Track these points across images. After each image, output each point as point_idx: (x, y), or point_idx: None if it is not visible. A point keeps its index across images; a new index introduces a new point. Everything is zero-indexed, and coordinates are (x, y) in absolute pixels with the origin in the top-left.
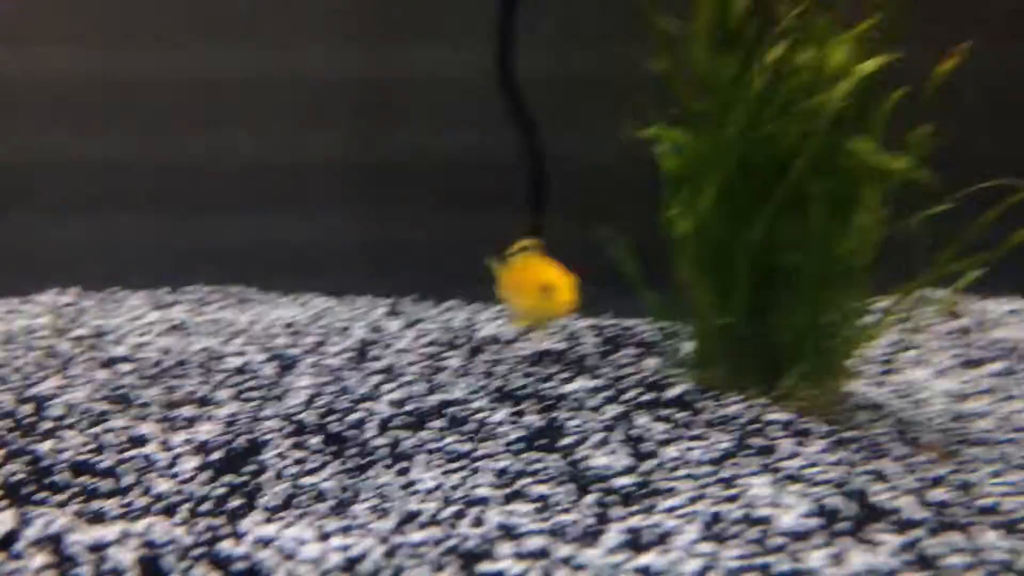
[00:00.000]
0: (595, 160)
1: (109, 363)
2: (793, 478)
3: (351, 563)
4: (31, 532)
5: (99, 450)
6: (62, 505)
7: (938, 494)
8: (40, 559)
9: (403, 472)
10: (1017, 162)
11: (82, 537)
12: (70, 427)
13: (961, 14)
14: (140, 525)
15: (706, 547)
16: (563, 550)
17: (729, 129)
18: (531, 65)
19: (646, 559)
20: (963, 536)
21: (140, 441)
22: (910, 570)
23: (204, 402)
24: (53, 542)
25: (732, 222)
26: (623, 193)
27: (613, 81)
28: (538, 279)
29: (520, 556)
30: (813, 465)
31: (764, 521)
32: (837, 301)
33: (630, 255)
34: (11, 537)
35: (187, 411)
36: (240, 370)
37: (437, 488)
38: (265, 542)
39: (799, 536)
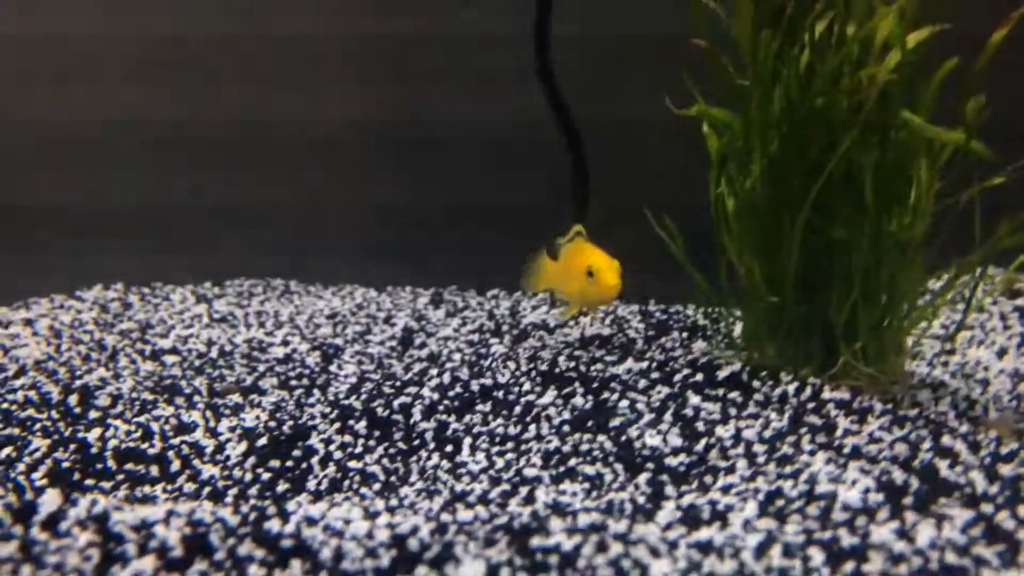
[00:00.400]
0: (639, 141)
1: (154, 355)
2: (854, 455)
3: (398, 540)
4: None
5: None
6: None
7: (1007, 470)
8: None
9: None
10: None
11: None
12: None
13: None
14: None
15: (765, 523)
16: (618, 526)
17: (774, 105)
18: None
19: (705, 534)
20: None
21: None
22: (982, 544)
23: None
24: (98, 521)
25: (780, 199)
26: (668, 175)
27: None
28: (584, 264)
29: (571, 532)
30: (875, 442)
31: (826, 497)
32: (891, 278)
33: (677, 237)
34: (57, 516)
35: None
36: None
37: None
38: (313, 521)
39: (863, 511)
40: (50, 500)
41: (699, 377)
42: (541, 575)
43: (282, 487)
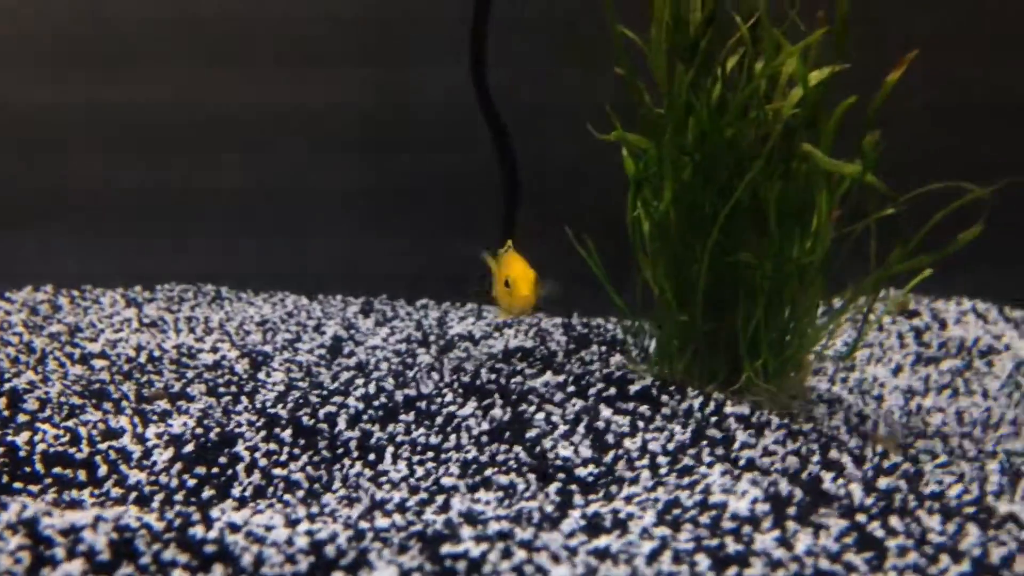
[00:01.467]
0: (565, 163)
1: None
2: (748, 467)
3: (316, 546)
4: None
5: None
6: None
7: (886, 482)
8: (15, 542)
9: (373, 465)
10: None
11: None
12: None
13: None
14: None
15: (661, 531)
16: (524, 534)
17: (687, 134)
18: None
19: (604, 541)
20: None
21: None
22: (853, 551)
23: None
24: (28, 526)
25: (691, 223)
26: (591, 195)
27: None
28: (504, 274)
29: (480, 539)
30: (768, 455)
31: (718, 507)
32: (793, 300)
33: (596, 255)
34: None
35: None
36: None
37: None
38: (235, 528)
39: (750, 520)
40: None
41: (612, 391)
42: None
43: (208, 493)
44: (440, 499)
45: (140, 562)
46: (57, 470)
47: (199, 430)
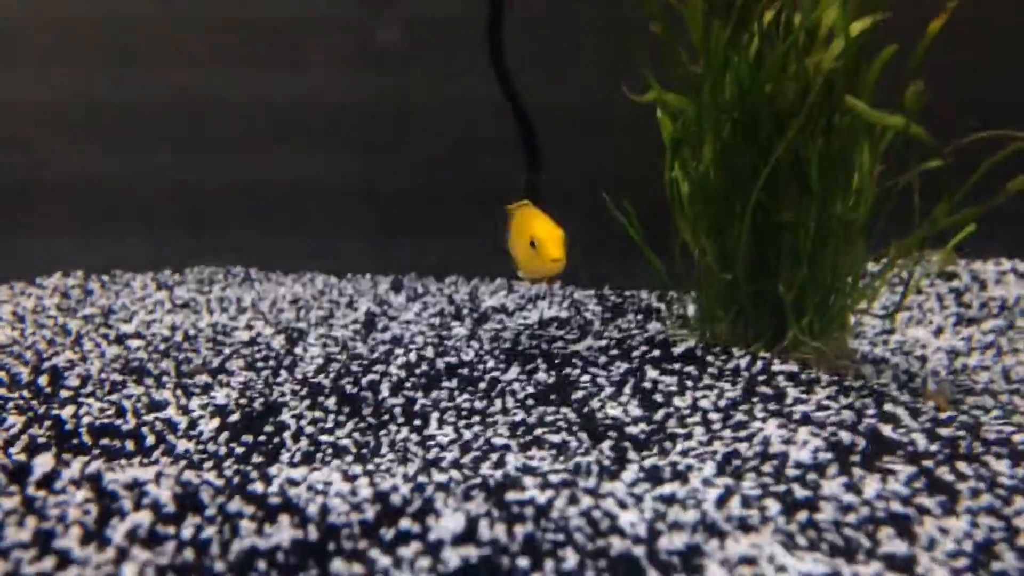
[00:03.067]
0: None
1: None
2: (804, 421)
3: (380, 496)
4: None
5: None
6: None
7: (946, 432)
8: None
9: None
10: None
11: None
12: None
13: None
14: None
15: (723, 480)
16: (587, 483)
17: (726, 92)
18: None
19: (668, 489)
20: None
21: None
22: (924, 495)
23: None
24: (92, 480)
25: (731, 182)
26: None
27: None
28: (528, 234)
29: (545, 487)
30: (822, 409)
31: (779, 456)
32: (836, 257)
33: (634, 219)
34: (52, 476)
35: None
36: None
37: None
38: (295, 483)
39: (814, 468)
40: (44, 461)
41: (656, 353)
42: (518, 525)
43: (256, 460)
44: (494, 457)
45: (206, 514)
46: (105, 441)
47: (243, 400)
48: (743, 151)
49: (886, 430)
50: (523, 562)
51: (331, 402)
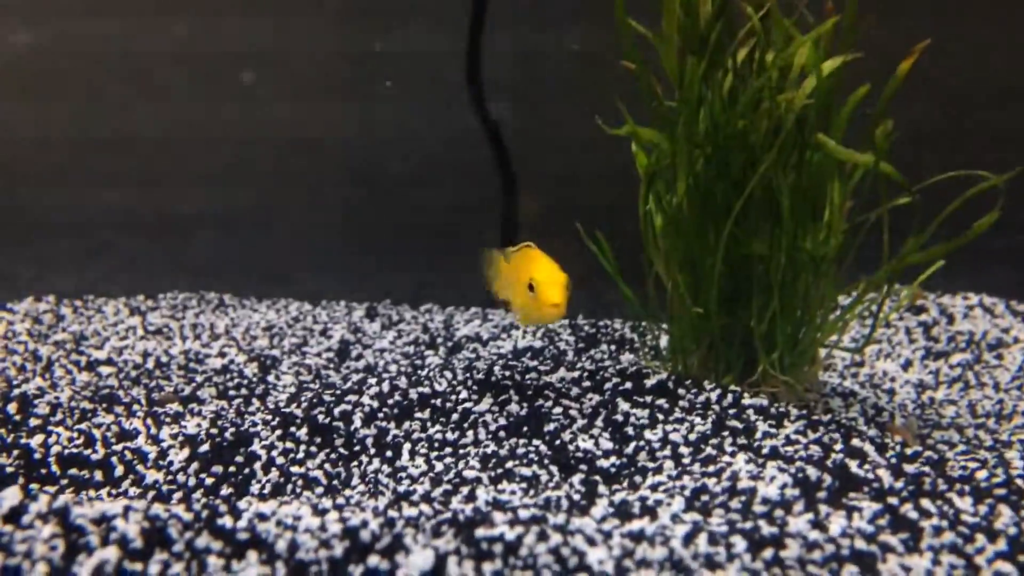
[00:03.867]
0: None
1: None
2: (772, 455)
3: (349, 532)
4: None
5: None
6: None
7: (912, 468)
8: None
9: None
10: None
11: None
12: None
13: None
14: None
15: (691, 516)
16: (557, 518)
17: (699, 127)
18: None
19: (637, 525)
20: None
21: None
22: (888, 532)
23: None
24: (59, 515)
25: (705, 216)
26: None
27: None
28: (528, 276)
29: (514, 523)
30: (791, 444)
31: (747, 492)
32: (806, 291)
33: (608, 252)
34: (19, 510)
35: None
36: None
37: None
38: (264, 517)
39: (781, 504)
40: (11, 495)
41: (628, 385)
42: (487, 563)
43: (226, 491)
44: (464, 490)
45: (174, 549)
46: (73, 471)
47: (214, 430)
48: (716, 185)
49: (853, 466)
50: None
51: (303, 432)
